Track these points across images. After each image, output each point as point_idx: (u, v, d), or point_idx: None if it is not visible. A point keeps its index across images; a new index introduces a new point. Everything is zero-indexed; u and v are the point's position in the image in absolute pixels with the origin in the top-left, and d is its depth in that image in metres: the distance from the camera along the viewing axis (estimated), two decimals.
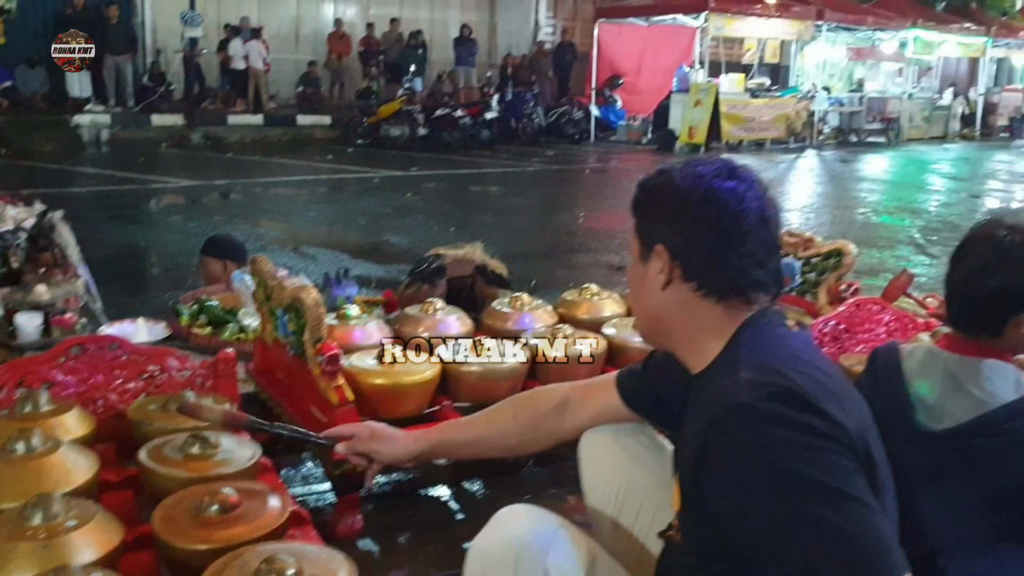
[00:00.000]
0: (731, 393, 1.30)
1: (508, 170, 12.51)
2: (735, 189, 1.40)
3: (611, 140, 16.97)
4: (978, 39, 20.37)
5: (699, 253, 1.41)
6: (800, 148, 16.93)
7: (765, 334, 1.41)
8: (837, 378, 1.38)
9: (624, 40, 18.02)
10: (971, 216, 10.21)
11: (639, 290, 1.51)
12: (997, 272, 1.79)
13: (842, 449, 1.25)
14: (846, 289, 3.44)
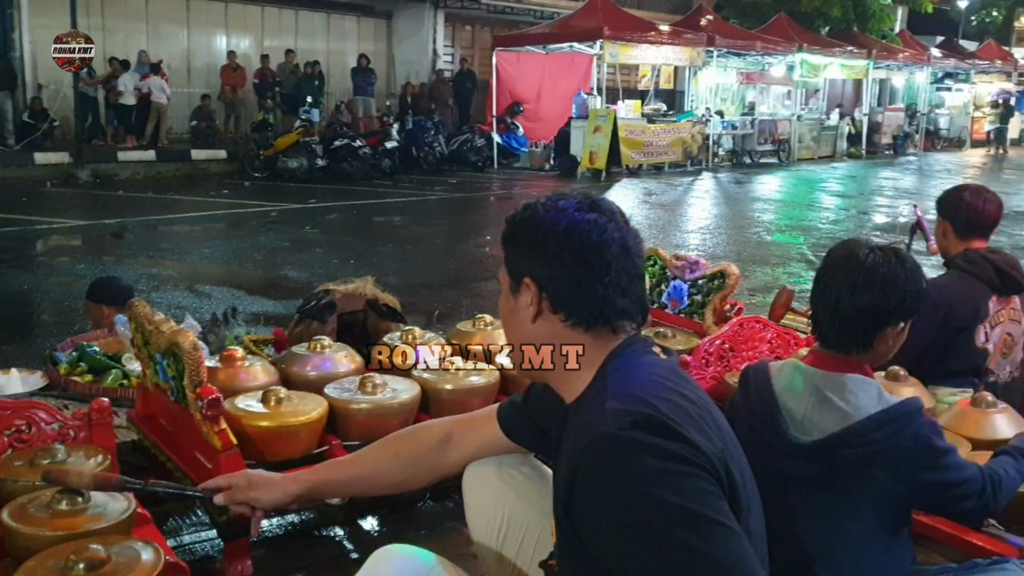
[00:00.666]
0: (597, 423, 1.32)
1: (410, 199, 12.48)
2: (596, 221, 1.43)
3: (515, 167, 17.11)
4: (860, 62, 21.33)
5: (565, 284, 1.43)
6: (697, 171, 17.39)
7: (632, 362, 1.44)
8: (700, 403, 1.41)
9: (523, 68, 18.25)
10: (859, 232, 10.65)
11: (511, 323, 1.53)
12: (866, 290, 1.88)
13: (705, 475, 1.28)
14: (730, 309, 3.53)
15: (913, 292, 1.89)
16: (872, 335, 1.92)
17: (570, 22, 16.98)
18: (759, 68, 21.19)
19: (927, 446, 1.86)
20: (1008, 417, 2.57)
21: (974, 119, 26.60)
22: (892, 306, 1.88)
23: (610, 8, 16.90)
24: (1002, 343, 3.04)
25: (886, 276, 1.87)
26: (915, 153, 23.15)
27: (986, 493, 1.90)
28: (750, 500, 1.42)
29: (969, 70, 26.04)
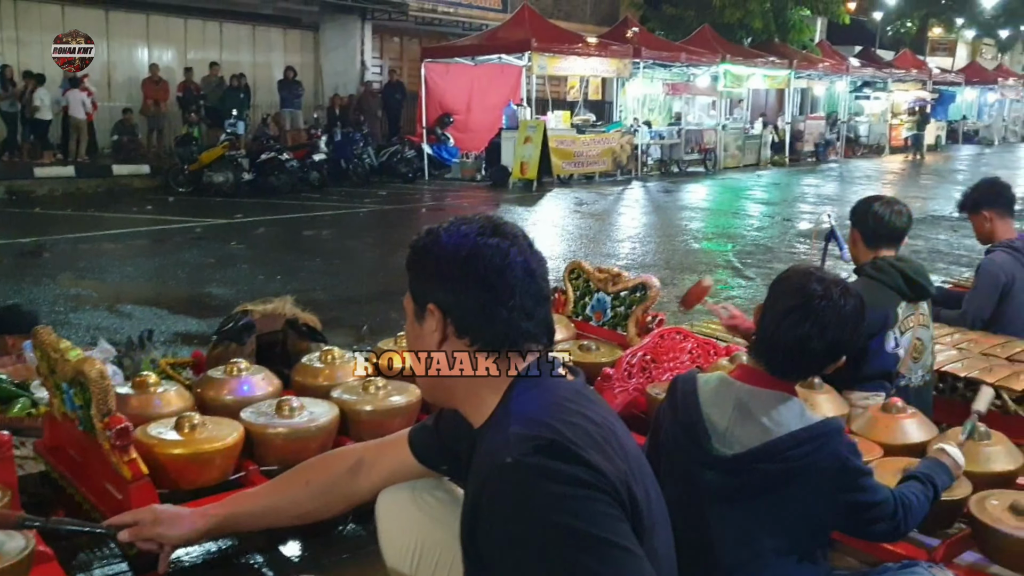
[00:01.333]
0: (500, 449, 1.32)
1: (340, 212, 12.35)
2: (499, 245, 1.43)
3: (446, 178, 17.08)
4: (782, 72, 21.87)
5: (469, 309, 1.43)
6: (627, 180, 17.59)
7: (536, 385, 1.44)
8: (604, 424, 1.42)
9: (452, 79, 18.25)
10: (783, 239, 10.90)
11: (417, 349, 1.52)
12: (827, 329, 1.92)
13: (607, 498, 1.29)
14: (652, 320, 3.57)
15: (860, 325, 1.97)
16: (825, 367, 1.99)
17: (498, 34, 17.06)
18: (685, 79, 21.54)
19: (844, 466, 1.89)
20: (918, 422, 2.64)
21: (892, 126, 27.41)
22: (853, 342, 1.96)
23: (537, 20, 17.02)
24: (912, 348, 3.13)
25: (852, 315, 1.94)
26: (836, 160, 23.76)
27: (897, 516, 1.95)
28: (655, 520, 1.42)
29: (886, 79, 26.87)
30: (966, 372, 3.33)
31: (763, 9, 22.81)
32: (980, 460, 2.38)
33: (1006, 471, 2.38)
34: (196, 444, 2.44)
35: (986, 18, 34.28)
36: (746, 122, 22.66)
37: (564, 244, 10.44)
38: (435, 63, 17.73)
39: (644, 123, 19.41)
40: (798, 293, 1.95)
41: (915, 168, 22.94)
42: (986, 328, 3.94)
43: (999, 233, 4.11)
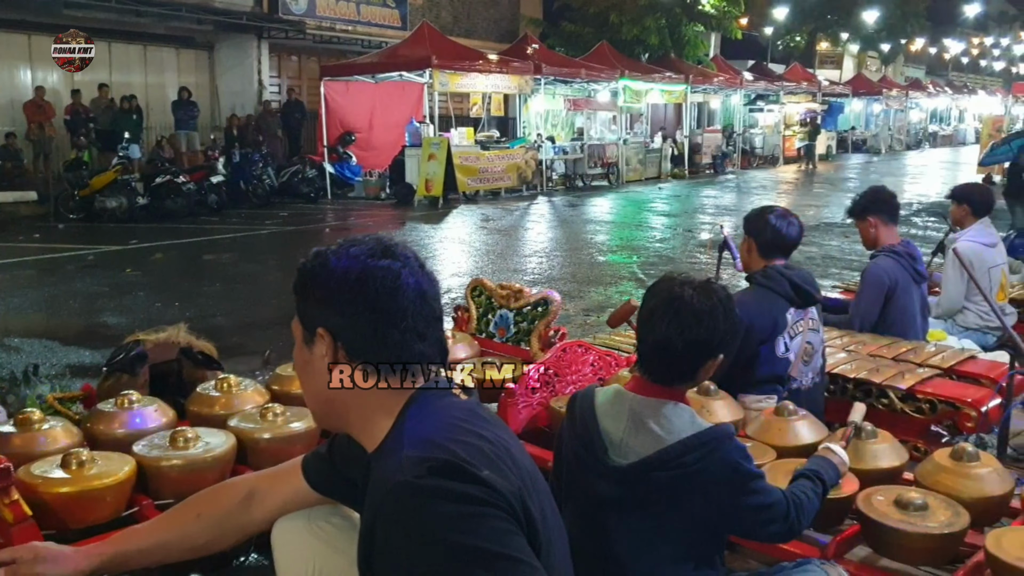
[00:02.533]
0: (394, 472, 1.32)
1: (239, 235, 12.08)
2: (390, 267, 1.43)
3: (349, 197, 16.91)
4: (679, 87, 22.41)
5: (361, 333, 1.42)
6: (532, 195, 17.75)
7: (429, 406, 1.45)
8: (498, 442, 1.42)
9: (353, 97, 18.09)
10: (685, 249, 11.16)
11: (307, 375, 1.50)
12: (693, 328, 1.96)
13: (502, 514, 1.30)
14: (555, 335, 3.60)
15: (732, 325, 2.01)
16: (697, 368, 2.02)
17: (398, 51, 17.01)
18: (585, 94, 21.90)
19: (736, 471, 1.95)
20: (808, 423, 2.73)
21: (785, 137, 28.36)
22: (716, 341, 1.99)
23: (438, 38, 17.05)
24: (802, 352, 3.24)
25: (710, 313, 1.97)
26: (733, 171, 24.47)
27: (790, 517, 2.00)
28: (551, 535, 1.44)
29: (778, 91, 27.83)
30: (855, 373, 3.46)
31: (659, 26, 23.39)
32: (867, 457, 2.47)
33: (892, 467, 2.48)
34: (84, 481, 2.34)
35: (869, 32, 35.89)
36: (646, 136, 23.15)
37: (471, 260, 10.46)
38: (335, 81, 17.55)
39: (548, 138, 19.62)
40: (658, 297, 2.03)
41: (808, 177, 23.80)
42: (873, 330, 4.10)
43: (883, 239, 4.29)
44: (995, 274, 4.80)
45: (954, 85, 43.56)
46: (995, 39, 48.30)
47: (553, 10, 24.75)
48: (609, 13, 22.84)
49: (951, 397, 3.22)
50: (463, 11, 23.53)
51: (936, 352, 3.74)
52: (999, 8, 51.43)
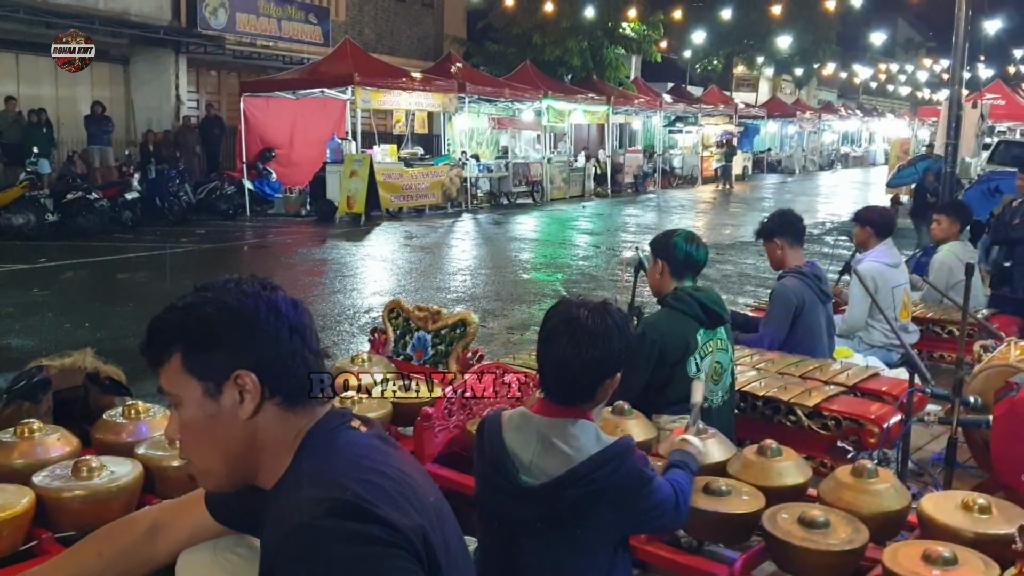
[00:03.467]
0: (292, 513, 1.31)
1: (155, 253, 11.76)
2: (287, 299, 1.44)
3: (269, 214, 16.63)
4: (601, 107, 22.74)
5: (277, 366, 1.41)
6: (457, 212, 17.76)
7: (329, 442, 1.44)
8: (400, 478, 1.42)
9: (273, 113, 17.85)
10: (607, 267, 11.31)
11: (208, 435, 1.43)
12: (588, 348, 2.01)
13: (403, 553, 1.30)
14: (473, 356, 3.61)
15: (625, 344, 2.07)
16: (595, 388, 2.08)
17: (320, 68, 16.86)
18: (510, 113, 22.07)
19: (640, 479, 2.04)
20: (716, 441, 2.79)
21: (703, 158, 29.05)
22: (612, 360, 2.05)
23: (360, 55, 16.97)
24: (712, 371, 3.32)
25: (604, 334, 2.03)
26: (654, 191, 24.92)
27: (679, 507, 2.13)
28: (453, 566, 1.44)
29: (697, 113, 28.49)
30: (764, 391, 3.55)
31: (581, 48, 23.74)
32: (772, 475, 2.54)
33: (796, 484, 2.56)
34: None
35: (783, 57, 37.02)
36: (570, 155, 23.42)
37: (393, 279, 10.41)
38: (255, 97, 17.29)
39: (472, 156, 19.70)
40: (555, 319, 2.09)
41: (725, 197, 24.37)
42: (782, 348, 4.23)
43: (789, 260, 4.44)
44: (898, 293, 5.00)
45: (864, 108, 45.27)
46: (901, 65, 50.35)
47: (477, 30, 24.90)
48: (532, 34, 23.09)
49: (855, 414, 3.33)
50: (386, 29, 23.48)
51: (842, 370, 3.87)
52: (905, 35, 53.70)
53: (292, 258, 12.09)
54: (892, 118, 44.74)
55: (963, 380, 3.07)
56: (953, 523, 2.24)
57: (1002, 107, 21.32)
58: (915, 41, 54.73)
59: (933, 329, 5.46)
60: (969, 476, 3.56)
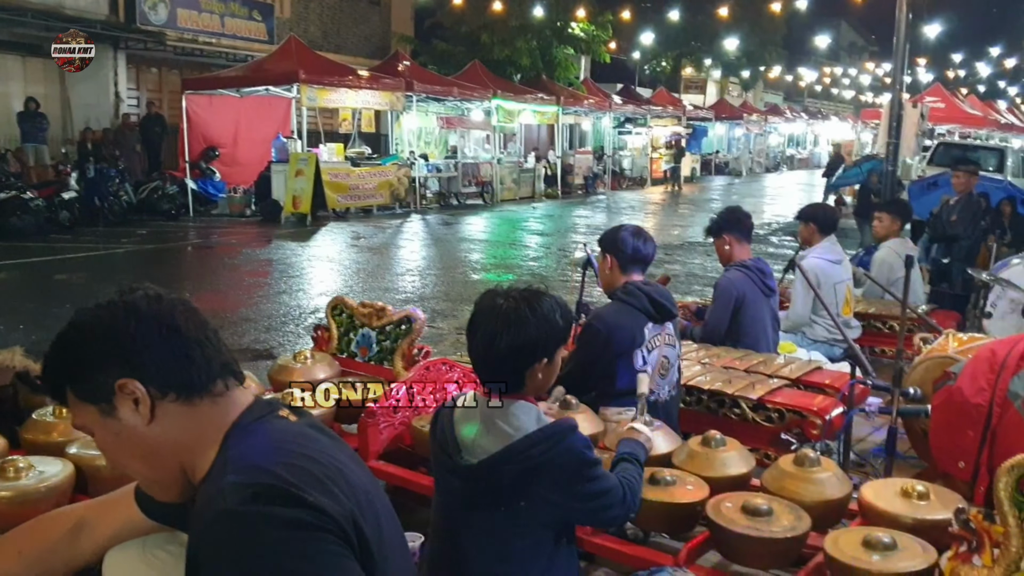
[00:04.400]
0: (216, 499, 1.29)
1: (94, 254, 11.47)
2: (146, 297, 1.43)
3: (213, 214, 16.31)
4: (551, 108, 22.75)
5: (154, 365, 1.38)
6: (406, 213, 17.63)
7: (255, 431, 1.41)
8: (330, 464, 1.40)
9: (216, 111, 17.52)
10: (558, 268, 11.33)
11: (124, 449, 1.43)
12: (503, 335, 2.02)
13: (331, 536, 1.28)
14: (419, 353, 3.57)
15: (548, 328, 2.06)
16: (521, 373, 2.07)
17: (264, 65, 16.61)
18: (459, 113, 21.98)
19: (579, 460, 2.04)
20: (662, 433, 2.79)
21: (652, 159, 29.24)
22: (531, 345, 2.04)
23: (305, 52, 16.75)
24: (659, 365, 3.33)
25: (518, 319, 2.04)
26: (604, 192, 25.02)
27: (627, 500, 2.12)
28: (388, 553, 1.42)
29: (646, 115, 28.67)
30: (709, 385, 3.58)
31: (530, 47, 23.74)
32: (716, 465, 2.55)
33: (740, 474, 2.57)
34: None
35: (730, 59, 37.52)
36: (520, 156, 23.42)
37: (340, 279, 10.29)
38: (197, 95, 16.95)
39: (421, 156, 19.56)
40: (478, 308, 2.12)
41: (674, 198, 24.60)
42: (725, 339, 4.27)
43: (737, 255, 4.48)
44: (840, 289, 5.08)
45: (809, 111, 46.04)
46: (845, 69, 51.39)
47: (425, 28, 24.77)
48: (481, 33, 23.02)
49: (797, 406, 3.37)
50: (332, 27, 23.25)
51: (785, 364, 3.92)
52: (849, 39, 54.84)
53: (236, 259, 11.89)
54: (836, 121, 45.59)
55: (902, 371, 3.12)
56: (892, 509, 2.27)
57: (942, 110, 21.89)
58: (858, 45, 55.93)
59: (875, 324, 5.56)
60: (910, 467, 3.62)
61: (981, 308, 5.60)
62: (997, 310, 5.48)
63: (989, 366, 2.77)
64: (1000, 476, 1.87)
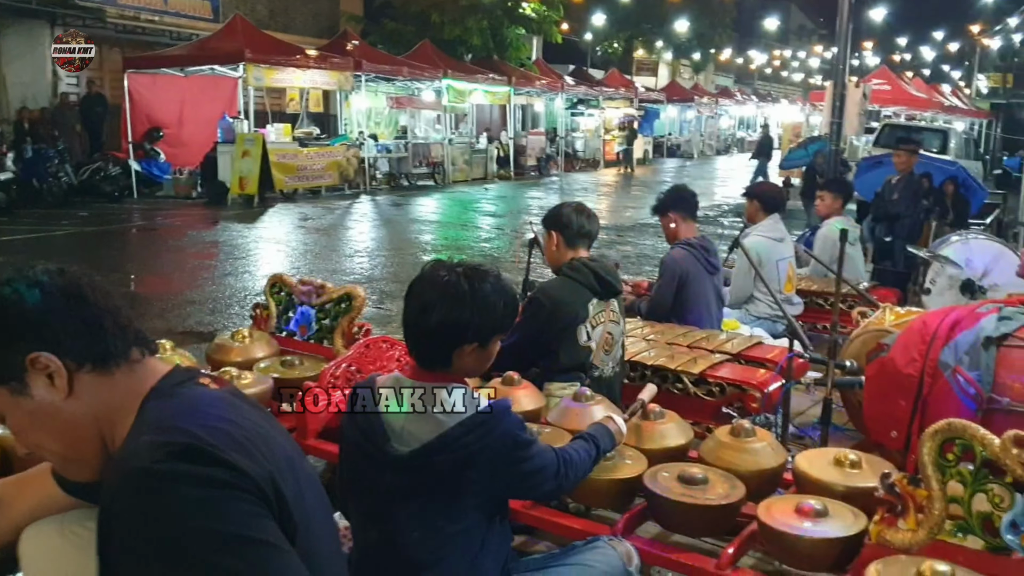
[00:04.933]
0: (130, 458, 1.27)
1: (32, 236, 11.16)
2: (48, 270, 1.39)
3: (158, 196, 15.98)
4: (502, 88, 22.65)
5: (66, 336, 1.34)
6: (355, 194, 17.45)
7: (173, 395, 1.39)
8: (250, 428, 1.38)
9: (160, 91, 17.13)
10: (510, 249, 11.31)
11: (40, 428, 1.39)
12: (436, 309, 1.95)
13: (249, 496, 1.26)
14: (359, 331, 3.53)
15: (482, 312, 1.98)
16: (448, 352, 2.00)
17: (209, 44, 16.26)
18: (409, 93, 21.79)
19: (515, 441, 1.99)
20: (604, 407, 2.79)
21: (605, 141, 29.31)
22: (459, 325, 1.96)
23: (251, 31, 16.45)
24: (603, 341, 3.33)
25: (455, 295, 1.96)
26: (557, 173, 25.04)
27: (560, 473, 2.07)
28: (308, 518, 1.40)
29: (598, 96, 28.71)
30: (653, 360, 3.60)
31: (481, 27, 23.56)
32: (655, 437, 2.56)
33: (678, 446, 2.58)
34: None
35: (681, 41, 37.71)
36: (472, 137, 23.30)
37: (288, 261, 10.17)
38: (140, 74, 16.55)
39: (370, 136, 19.37)
40: (422, 275, 2.05)
41: (626, 180, 24.71)
42: (670, 316, 4.30)
43: (683, 234, 4.50)
44: (782, 267, 5.14)
45: (759, 93, 46.55)
46: (794, 51, 51.98)
47: (374, 7, 24.43)
48: (431, 12, 22.77)
49: (738, 380, 3.40)
50: (280, 5, 22.82)
51: (727, 339, 3.95)
52: (798, 22, 55.44)
53: (181, 241, 11.68)
54: (786, 103, 46.13)
55: (837, 344, 3.16)
56: (825, 478, 2.29)
57: (888, 92, 22.25)
58: (807, 28, 56.55)
59: (816, 301, 5.64)
60: (848, 439, 3.68)
61: (920, 285, 5.72)
62: (936, 286, 5.60)
63: (921, 337, 2.82)
64: (924, 441, 1.90)
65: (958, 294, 5.44)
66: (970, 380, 2.60)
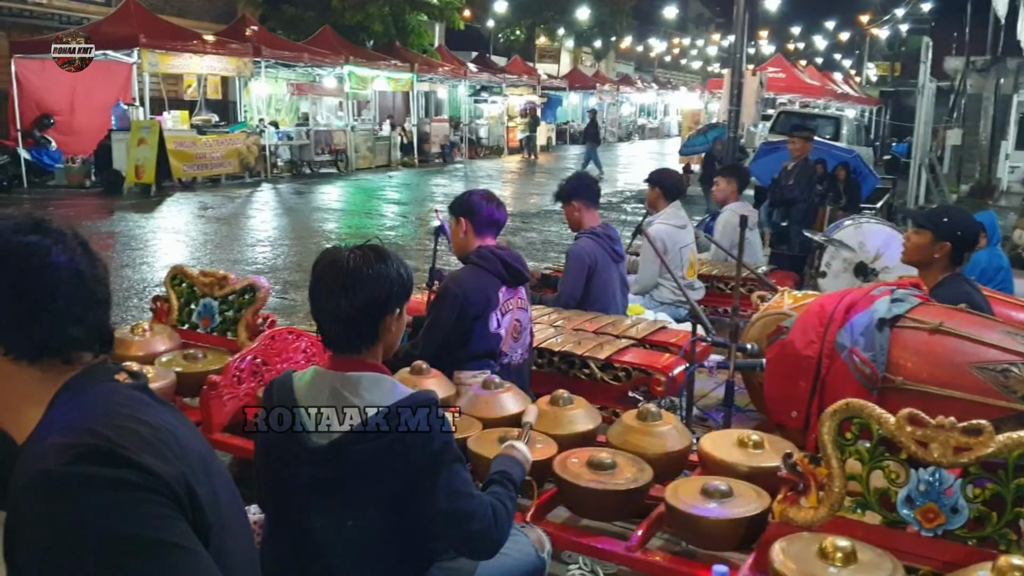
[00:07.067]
0: (34, 461, 1.22)
1: None
2: (38, 244, 1.30)
3: (49, 185, 15.33)
4: (405, 75, 22.42)
5: (4, 316, 1.29)
6: (256, 182, 17.07)
7: (84, 393, 1.34)
8: (163, 427, 1.34)
9: (50, 77, 16.34)
10: (415, 237, 11.24)
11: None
12: (359, 289, 1.93)
13: (160, 498, 1.23)
14: (263, 322, 3.46)
15: (397, 279, 1.99)
16: (376, 327, 1.98)
17: (101, 28, 15.58)
18: (310, 79, 21.38)
19: (442, 443, 1.92)
20: (513, 395, 2.82)
21: (509, 128, 29.40)
22: (384, 296, 1.96)
23: (145, 15, 15.87)
24: (512, 328, 3.35)
25: (372, 273, 1.95)
26: (462, 161, 25.00)
27: (487, 519, 1.94)
28: (223, 520, 1.37)
29: (501, 84, 28.74)
30: (560, 347, 3.64)
31: (382, 13, 23.22)
32: (564, 423, 2.60)
33: (586, 431, 2.63)
34: None
35: (582, 29, 38.02)
36: (375, 124, 23.02)
37: (187, 251, 9.88)
38: (28, 59, 15.81)
39: (271, 123, 18.94)
40: (320, 267, 2.01)
41: (530, 167, 24.83)
42: (579, 305, 4.34)
43: (586, 221, 4.55)
44: (685, 253, 5.26)
45: (659, 81, 47.35)
46: (693, 40, 53.07)
47: None
48: None
49: (643, 364, 3.47)
50: None
51: (632, 324, 4.03)
52: (696, 11, 56.58)
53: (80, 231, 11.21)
54: (685, 91, 47.09)
55: (738, 327, 3.26)
56: (730, 459, 2.37)
57: (783, 80, 22.95)
58: (705, 16, 57.75)
59: (717, 285, 5.80)
60: (750, 420, 3.80)
61: (816, 268, 5.93)
62: (831, 269, 5.81)
63: (818, 319, 2.92)
64: (824, 421, 1.98)
65: (852, 277, 5.66)
66: (865, 360, 2.70)
